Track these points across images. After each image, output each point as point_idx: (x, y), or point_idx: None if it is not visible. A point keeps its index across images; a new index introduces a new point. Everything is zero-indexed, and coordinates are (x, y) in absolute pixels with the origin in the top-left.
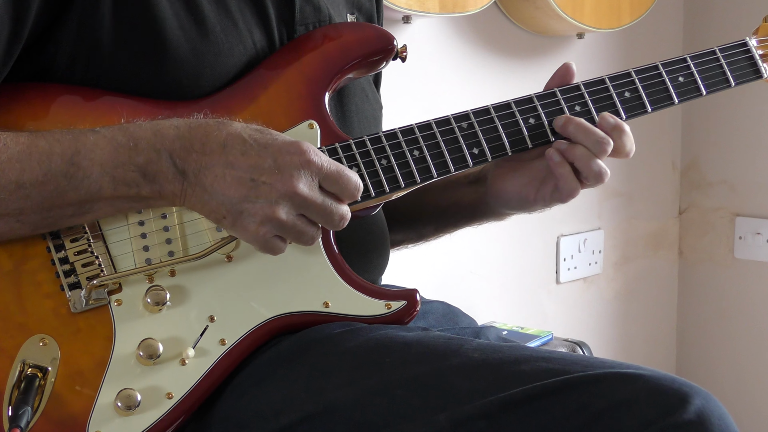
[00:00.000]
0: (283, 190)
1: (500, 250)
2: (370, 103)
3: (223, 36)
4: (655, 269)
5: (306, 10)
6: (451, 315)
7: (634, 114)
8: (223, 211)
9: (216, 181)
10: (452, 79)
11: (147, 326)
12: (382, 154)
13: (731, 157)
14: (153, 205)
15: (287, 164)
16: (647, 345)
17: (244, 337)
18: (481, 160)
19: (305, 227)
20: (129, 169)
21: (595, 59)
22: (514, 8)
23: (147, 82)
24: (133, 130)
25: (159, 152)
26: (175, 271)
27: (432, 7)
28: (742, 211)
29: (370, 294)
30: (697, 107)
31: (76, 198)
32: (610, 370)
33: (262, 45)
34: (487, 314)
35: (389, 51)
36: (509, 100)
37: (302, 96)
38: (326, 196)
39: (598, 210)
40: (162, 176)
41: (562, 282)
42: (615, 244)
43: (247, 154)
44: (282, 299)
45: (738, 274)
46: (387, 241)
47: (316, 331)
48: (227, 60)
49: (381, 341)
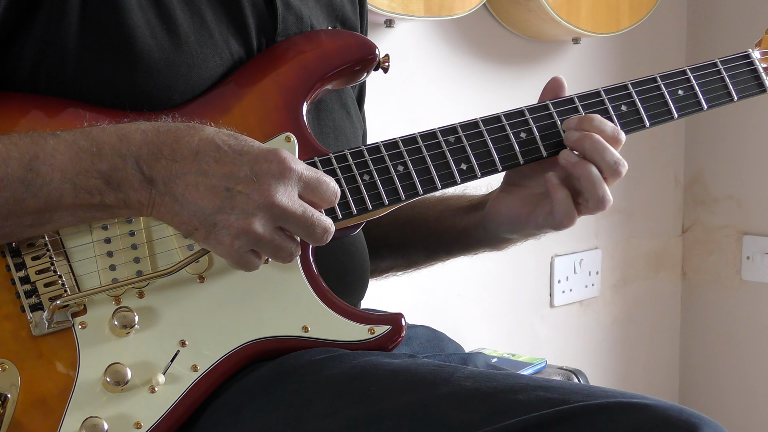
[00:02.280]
0: (260, 200)
1: (490, 271)
2: (351, 120)
3: (197, 46)
4: (656, 292)
5: (288, 20)
6: (436, 341)
7: (631, 129)
8: (195, 223)
9: (188, 190)
10: (438, 88)
11: (114, 350)
12: (364, 170)
13: (738, 171)
14: (118, 215)
15: (265, 173)
16: (648, 373)
17: (218, 363)
18: (469, 177)
19: (283, 242)
20: (92, 176)
21: (591, 66)
22: (504, 11)
23: (116, 93)
24: (96, 134)
25: (124, 158)
26: (144, 291)
27: (416, 10)
28: (750, 229)
29: (352, 318)
30: (702, 118)
31: (34, 206)
32: (613, 399)
33: (240, 56)
34: (475, 340)
35: (370, 61)
36: (499, 113)
37: (278, 107)
38: (307, 207)
39: (596, 228)
40: (127, 184)
41: (556, 305)
42: (613, 264)
43: (221, 162)
44: (258, 323)
45: (745, 297)
46: (367, 264)
47: (295, 358)
48: (202, 72)
49: (365, 368)
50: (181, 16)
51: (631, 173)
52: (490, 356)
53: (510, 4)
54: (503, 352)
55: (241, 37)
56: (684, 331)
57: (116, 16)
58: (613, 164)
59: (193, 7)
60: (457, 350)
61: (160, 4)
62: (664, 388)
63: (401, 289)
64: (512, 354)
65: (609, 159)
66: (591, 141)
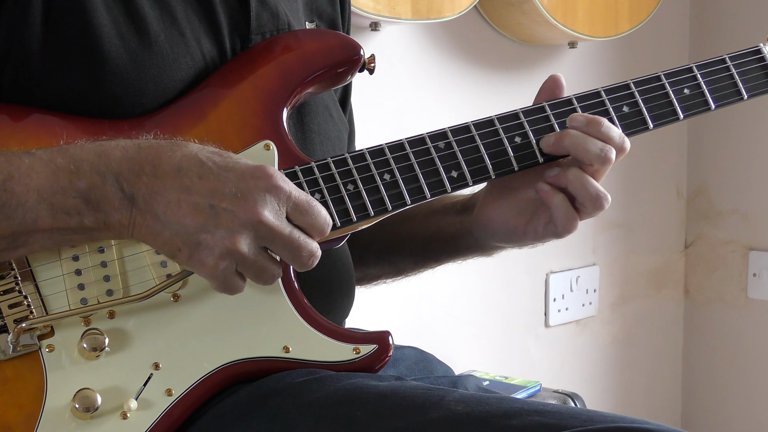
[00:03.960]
0: (245, 218)
1: (481, 289)
2: (335, 122)
3: (168, 46)
4: (657, 311)
5: (263, 16)
6: (424, 363)
7: (633, 131)
8: (178, 243)
9: (170, 207)
10: (427, 95)
11: (83, 375)
12: (348, 179)
13: (744, 183)
14: (98, 238)
15: (251, 189)
16: (649, 397)
17: (193, 387)
18: (460, 185)
19: (267, 263)
20: (70, 195)
21: (589, 71)
22: (497, 14)
23: (83, 97)
24: (74, 152)
25: (104, 175)
26: (114, 312)
27: (404, 13)
28: (757, 244)
29: (335, 337)
30: (706, 125)
31: (8, 229)
32: (613, 424)
33: (212, 56)
34: (465, 362)
35: (355, 62)
36: (492, 116)
37: (257, 113)
38: (294, 228)
39: (593, 243)
40: (107, 203)
41: (551, 325)
42: (612, 282)
43: (205, 178)
44: (236, 343)
45: (752, 316)
46: (352, 280)
47: (276, 380)
48: (173, 73)
49: (350, 392)
50: (150, 14)
51: (630, 184)
52: (482, 379)
53: (502, 6)
54: (495, 375)
55: (214, 36)
56: (687, 352)
57: (81, 15)
58: (600, 152)
59: (163, 4)
60: (447, 373)
61: (128, 2)
62: (666, 413)
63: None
64: (505, 377)
65: (594, 149)
66: (569, 138)
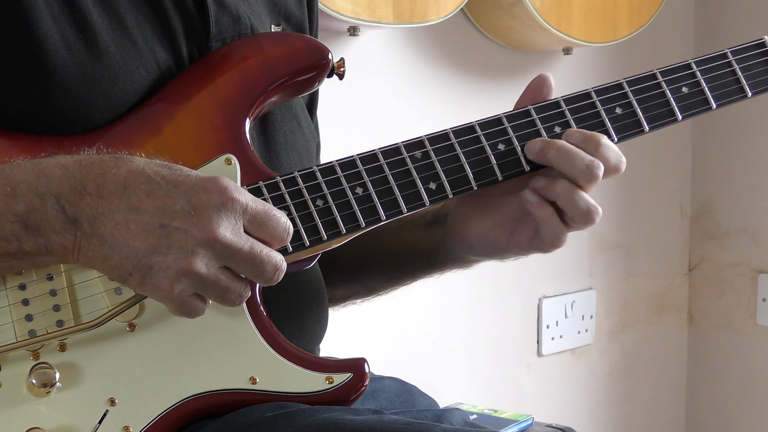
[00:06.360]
0: (200, 236)
1: (468, 314)
2: (303, 132)
3: (119, 57)
4: (659, 338)
5: (223, 21)
6: (406, 395)
7: (627, 134)
8: (128, 267)
9: (117, 229)
10: (410, 104)
11: (32, 413)
12: (317, 194)
13: (752, 201)
14: (40, 263)
15: (204, 204)
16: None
17: (153, 424)
18: (439, 197)
19: (230, 282)
20: (7, 220)
21: (584, 79)
22: (485, 17)
23: (28, 113)
24: (10, 172)
25: (43, 197)
26: (65, 344)
27: (384, 16)
28: (766, 267)
29: (306, 365)
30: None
31: None
32: None
33: (167, 65)
34: (451, 394)
35: (323, 67)
36: (473, 122)
37: (217, 126)
38: (255, 242)
39: (590, 266)
40: (48, 226)
41: (544, 354)
42: (610, 307)
43: (153, 195)
44: (199, 375)
45: (761, 344)
46: (325, 303)
47: (243, 415)
48: (125, 86)
49: (324, 427)
50: (99, 23)
51: (630, 202)
52: (469, 412)
53: (491, 9)
54: (483, 408)
55: (169, 44)
56: (691, 383)
57: (23, 26)
58: (585, 169)
59: (112, 12)
60: (431, 405)
61: (75, 11)
62: None
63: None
64: (494, 410)
65: (580, 164)
66: (555, 149)
